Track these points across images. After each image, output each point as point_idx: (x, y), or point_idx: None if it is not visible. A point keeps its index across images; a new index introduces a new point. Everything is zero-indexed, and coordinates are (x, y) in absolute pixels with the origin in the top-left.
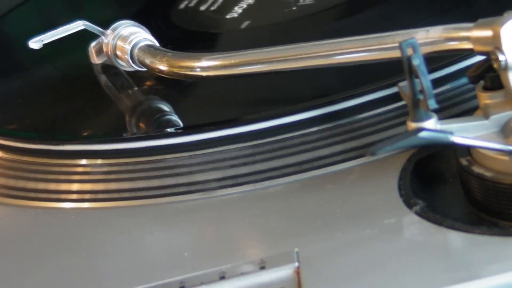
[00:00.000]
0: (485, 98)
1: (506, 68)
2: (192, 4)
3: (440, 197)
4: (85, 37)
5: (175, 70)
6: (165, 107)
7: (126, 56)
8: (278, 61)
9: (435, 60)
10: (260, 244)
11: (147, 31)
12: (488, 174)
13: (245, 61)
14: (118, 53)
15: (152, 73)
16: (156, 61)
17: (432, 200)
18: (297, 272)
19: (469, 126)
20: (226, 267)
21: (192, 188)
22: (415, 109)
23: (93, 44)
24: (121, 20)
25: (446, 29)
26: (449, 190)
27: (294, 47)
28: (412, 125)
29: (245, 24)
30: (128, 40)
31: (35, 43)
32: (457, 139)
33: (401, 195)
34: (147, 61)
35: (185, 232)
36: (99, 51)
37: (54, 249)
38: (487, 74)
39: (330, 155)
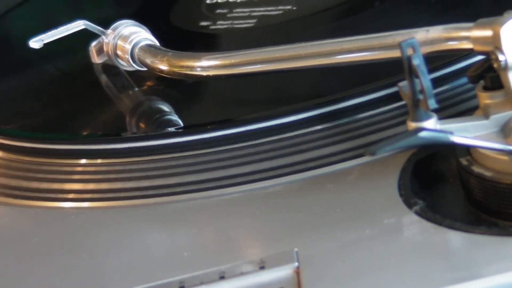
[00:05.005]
0: (485, 98)
1: (506, 68)
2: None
3: (440, 197)
4: (85, 36)
5: (176, 69)
6: (165, 107)
7: (126, 56)
8: (278, 61)
9: (435, 60)
10: (259, 244)
11: (148, 30)
12: (488, 174)
13: (245, 61)
14: (119, 52)
15: (152, 73)
16: (156, 61)
17: (432, 200)
18: (297, 272)
19: (469, 126)
20: (226, 267)
21: (192, 187)
22: (415, 109)
23: (93, 43)
24: (121, 20)
25: (446, 29)
26: (449, 190)
27: (294, 47)
28: (412, 125)
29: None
30: (128, 39)
31: (35, 43)
32: (457, 139)
33: (401, 195)
34: (148, 60)
35: (184, 232)
36: (100, 51)
37: (54, 249)
38: (487, 74)
39: (330, 154)
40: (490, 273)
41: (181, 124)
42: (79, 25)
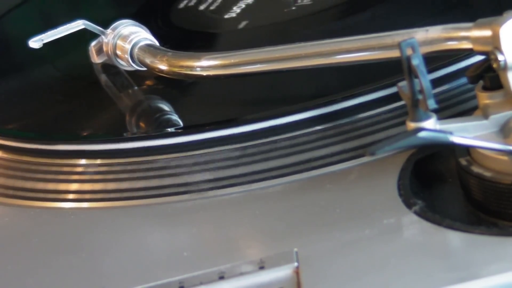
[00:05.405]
0: (485, 98)
1: (505, 68)
2: (191, 4)
3: (440, 197)
4: (85, 36)
5: (175, 69)
6: (165, 107)
7: (126, 56)
8: (278, 61)
9: (434, 60)
10: (259, 244)
11: (147, 30)
12: (487, 174)
13: (245, 61)
14: (118, 52)
15: (152, 73)
16: (156, 61)
17: (431, 200)
18: (296, 272)
19: (469, 126)
20: (225, 267)
21: (191, 188)
22: (415, 109)
23: (93, 43)
24: (121, 20)
25: (446, 29)
26: (448, 190)
27: (294, 47)
28: (412, 125)
29: (244, 24)
30: (128, 39)
31: (35, 43)
32: (457, 139)
33: (400, 195)
34: (147, 60)
35: (184, 232)
36: (99, 51)
37: (54, 249)
38: (487, 74)
39: (330, 155)
40: (490, 273)
41: (181, 123)
42: (78, 25)
